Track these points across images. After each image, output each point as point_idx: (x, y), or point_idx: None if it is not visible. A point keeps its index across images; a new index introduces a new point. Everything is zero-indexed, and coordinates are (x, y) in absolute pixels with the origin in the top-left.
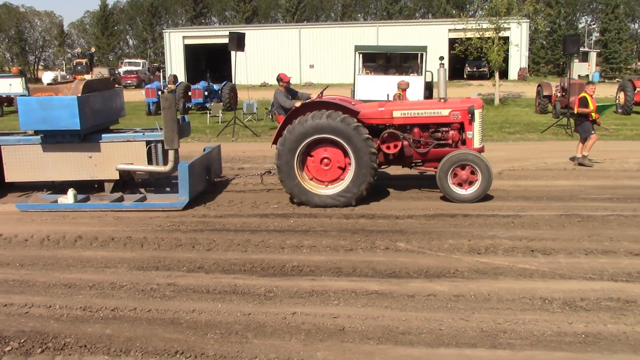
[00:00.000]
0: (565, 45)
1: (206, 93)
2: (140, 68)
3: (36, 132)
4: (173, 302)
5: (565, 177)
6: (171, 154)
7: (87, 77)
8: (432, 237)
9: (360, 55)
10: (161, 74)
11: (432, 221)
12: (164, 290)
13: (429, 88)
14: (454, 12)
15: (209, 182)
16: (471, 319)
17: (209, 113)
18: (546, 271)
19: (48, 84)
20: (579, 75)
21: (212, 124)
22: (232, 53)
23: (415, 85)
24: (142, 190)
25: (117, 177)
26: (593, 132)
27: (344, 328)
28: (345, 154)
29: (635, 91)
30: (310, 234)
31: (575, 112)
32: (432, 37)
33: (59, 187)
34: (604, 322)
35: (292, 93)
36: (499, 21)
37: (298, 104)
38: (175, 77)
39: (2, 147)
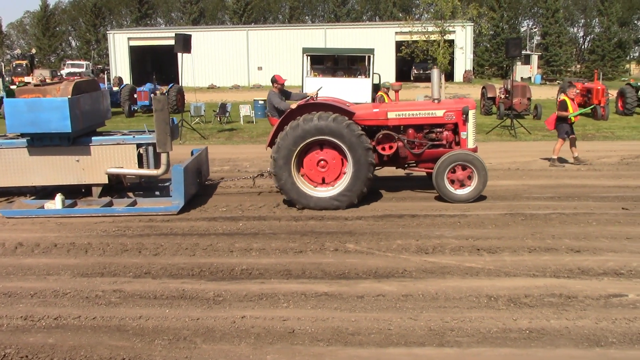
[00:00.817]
0: (507, 49)
1: (152, 95)
2: (83, 70)
3: (22, 135)
4: (119, 308)
5: (509, 177)
6: (164, 157)
7: (28, 79)
8: (380, 238)
9: (308, 57)
10: (105, 76)
11: (381, 222)
12: (110, 296)
13: (376, 90)
14: (400, 15)
15: (199, 184)
16: (419, 318)
17: None
18: (492, 269)
19: (35, 85)
20: (521, 78)
21: None
22: (179, 55)
23: (363, 87)
24: (130, 194)
25: (106, 181)
26: (566, 136)
27: (293, 330)
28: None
29: (576, 93)
30: (260, 237)
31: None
32: (380, 40)
33: (42, 192)
34: (547, 317)
35: (285, 94)
36: (444, 24)
37: (294, 105)
38: (120, 79)
39: None
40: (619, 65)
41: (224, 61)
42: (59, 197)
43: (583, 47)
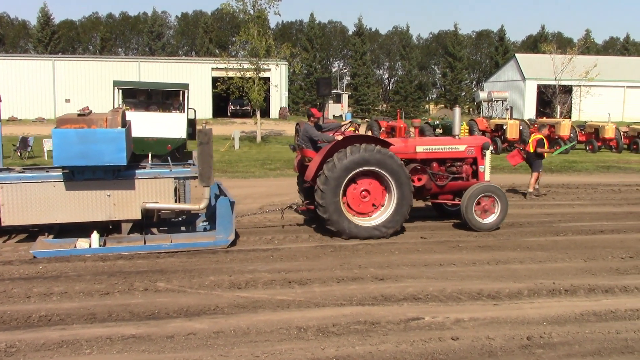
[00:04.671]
0: (318, 87)
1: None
2: None
3: (63, 168)
4: None
5: None
6: (206, 191)
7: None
8: (193, 275)
9: (120, 90)
10: None
11: (194, 259)
12: None
13: (192, 125)
14: (217, 51)
15: None
16: (230, 355)
17: None
18: (302, 301)
19: (79, 115)
20: (333, 115)
21: None
22: None
23: (178, 122)
24: (155, 230)
25: (139, 217)
26: (541, 169)
27: None
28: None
29: (381, 130)
30: (62, 280)
31: (532, 151)
32: (196, 75)
33: (58, 229)
34: (353, 344)
35: (318, 127)
36: (259, 62)
37: (339, 137)
38: None
39: (0, 186)
40: (419, 105)
41: (28, 92)
42: (95, 236)
43: (388, 87)
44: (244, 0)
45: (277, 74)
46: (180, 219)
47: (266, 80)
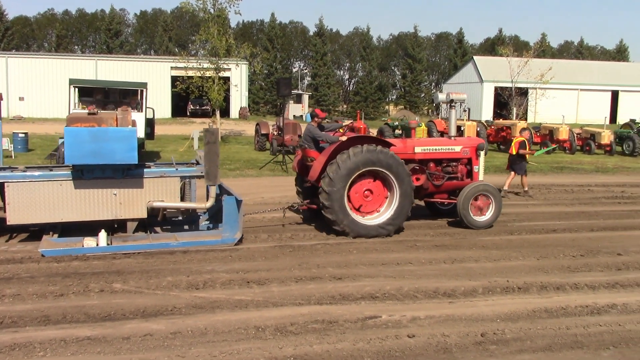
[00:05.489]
0: (278, 88)
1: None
2: None
3: (74, 167)
4: None
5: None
6: (212, 189)
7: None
8: (150, 276)
9: (76, 89)
10: None
11: (151, 259)
12: None
13: (150, 125)
14: (176, 50)
15: None
16: (187, 355)
17: None
18: (260, 300)
19: (89, 114)
20: (294, 116)
21: None
22: None
23: (136, 121)
24: (158, 229)
25: (145, 216)
26: (524, 171)
27: None
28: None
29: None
30: (14, 282)
31: (514, 153)
32: (154, 74)
33: (61, 228)
34: (310, 343)
35: (321, 128)
36: (219, 62)
37: (343, 137)
38: None
39: (6, 184)
40: (379, 106)
41: None
42: (102, 234)
43: (349, 88)
44: None
45: (238, 74)
46: (180, 218)
47: (226, 80)
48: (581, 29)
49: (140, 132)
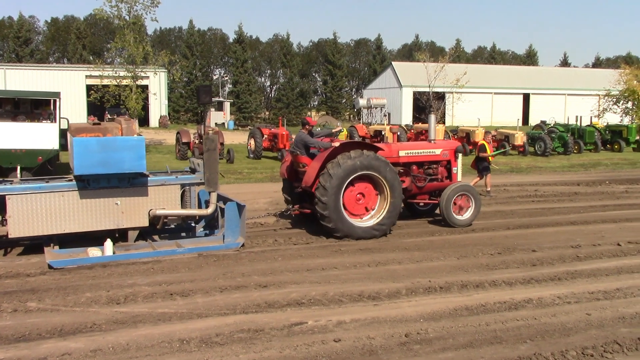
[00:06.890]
0: (198, 95)
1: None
2: None
3: (81, 177)
4: None
5: None
6: (213, 196)
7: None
8: (67, 292)
9: None
10: None
11: (69, 275)
12: None
13: (64, 135)
14: (91, 58)
15: None
16: None
17: None
18: (184, 312)
19: (94, 124)
20: (216, 123)
21: None
22: None
23: (49, 132)
24: (156, 238)
25: (147, 224)
26: (489, 171)
27: None
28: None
29: (264, 138)
30: None
31: (477, 156)
32: (68, 83)
33: (61, 239)
34: (237, 353)
35: (311, 135)
36: (136, 70)
37: (336, 143)
38: None
39: (7, 197)
40: (301, 112)
41: None
42: (108, 243)
43: (271, 95)
44: (118, 5)
45: (156, 82)
46: (174, 225)
47: (144, 88)
48: (493, 34)
49: (54, 144)
